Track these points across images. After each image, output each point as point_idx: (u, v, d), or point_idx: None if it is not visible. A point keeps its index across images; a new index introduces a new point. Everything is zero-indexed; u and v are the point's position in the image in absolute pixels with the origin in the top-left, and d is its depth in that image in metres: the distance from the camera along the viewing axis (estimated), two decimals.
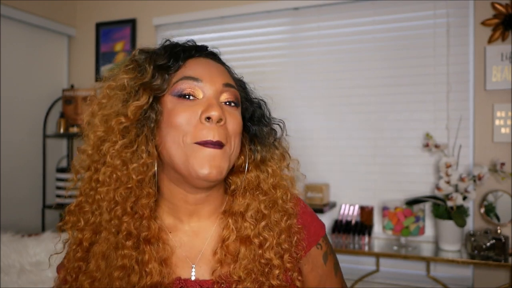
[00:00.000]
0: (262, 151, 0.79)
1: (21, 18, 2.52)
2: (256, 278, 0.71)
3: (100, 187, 0.69)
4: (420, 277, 2.14)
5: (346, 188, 2.34)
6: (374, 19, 2.29)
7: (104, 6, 2.87)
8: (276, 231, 0.74)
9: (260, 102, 0.84)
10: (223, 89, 0.72)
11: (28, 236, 2.13)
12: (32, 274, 1.96)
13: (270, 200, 0.76)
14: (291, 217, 0.77)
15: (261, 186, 0.77)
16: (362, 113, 2.31)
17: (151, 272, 0.68)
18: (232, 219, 0.75)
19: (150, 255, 0.69)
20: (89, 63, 2.88)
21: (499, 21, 1.99)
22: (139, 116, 0.70)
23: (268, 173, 0.78)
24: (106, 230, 0.69)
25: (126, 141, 0.69)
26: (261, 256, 0.72)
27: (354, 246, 2.08)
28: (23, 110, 2.59)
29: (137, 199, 0.69)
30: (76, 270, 0.72)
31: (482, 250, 1.87)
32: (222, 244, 0.74)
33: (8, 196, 2.46)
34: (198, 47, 0.77)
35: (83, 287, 0.69)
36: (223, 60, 0.82)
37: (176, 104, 0.70)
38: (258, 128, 0.80)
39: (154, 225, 0.71)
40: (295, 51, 2.45)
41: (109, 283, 0.67)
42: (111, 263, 0.68)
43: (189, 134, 0.68)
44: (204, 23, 2.62)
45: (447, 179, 1.96)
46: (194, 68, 0.72)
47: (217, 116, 0.68)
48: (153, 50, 0.76)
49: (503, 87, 2.00)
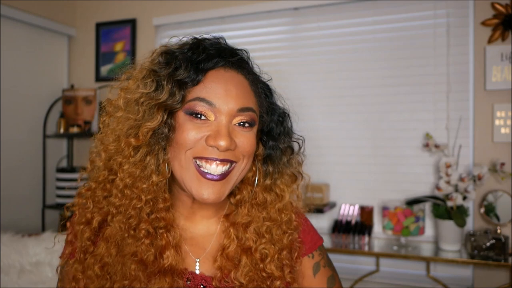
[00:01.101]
0: (273, 173, 0.79)
1: (21, 18, 2.52)
2: (258, 286, 0.72)
3: (113, 198, 0.71)
4: (420, 277, 2.14)
5: (346, 188, 2.34)
6: (374, 19, 2.29)
7: (104, 6, 2.87)
8: (278, 247, 0.75)
9: (282, 115, 0.80)
10: (237, 113, 0.69)
11: (28, 236, 2.13)
12: (32, 274, 1.96)
13: (274, 222, 0.76)
14: (293, 233, 0.78)
15: (267, 208, 0.77)
16: (362, 113, 2.31)
17: (168, 257, 0.70)
18: (234, 229, 0.76)
19: (167, 241, 0.71)
20: (89, 63, 2.88)
21: (499, 21, 1.99)
22: (151, 135, 0.70)
23: (276, 195, 0.78)
24: (121, 215, 0.71)
25: (136, 159, 0.70)
26: (263, 270, 0.73)
27: (354, 246, 2.08)
28: (23, 110, 2.59)
29: (152, 207, 0.71)
30: (84, 250, 0.73)
31: (482, 250, 1.87)
32: (222, 252, 0.74)
33: (8, 196, 2.46)
34: (223, 53, 0.72)
35: (93, 271, 0.70)
36: (251, 66, 0.77)
37: (187, 121, 0.69)
38: (274, 145, 0.79)
39: (169, 214, 0.73)
40: (295, 51, 2.46)
41: (122, 268, 0.69)
42: (125, 249, 0.69)
43: (191, 150, 0.68)
44: (204, 23, 2.61)
45: (447, 179, 1.96)
46: (211, 87, 0.69)
47: (224, 146, 0.66)
48: (176, 53, 0.71)
49: (503, 87, 2.00)
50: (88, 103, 2.70)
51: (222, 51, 0.72)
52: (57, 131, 2.71)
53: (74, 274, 0.73)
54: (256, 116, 0.73)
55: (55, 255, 2.04)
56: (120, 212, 0.70)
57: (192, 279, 0.73)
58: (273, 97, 0.80)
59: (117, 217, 0.71)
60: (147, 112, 0.69)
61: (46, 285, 1.93)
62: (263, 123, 0.77)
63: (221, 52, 0.72)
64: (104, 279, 0.70)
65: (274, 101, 0.80)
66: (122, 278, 0.68)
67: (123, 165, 0.70)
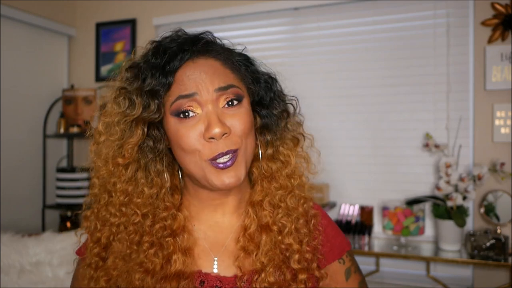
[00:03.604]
0: (273, 141, 0.78)
1: (21, 18, 2.52)
2: (278, 264, 0.72)
3: (112, 218, 0.73)
4: (420, 277, 2.14)
5: (346, 188, 2.34)
6: (374, 19, 2.29)
7: (104, 6, 2.87)
8: (294, 216, 0.75)
9: (268, 81, 0.78)
10: (218, 94, 0.69)
11: (28, 236, 2.13)
12: (32, 274, 1.96)
13: (285, 189, 0.76)
14: (307, 201, 0.78)
15: (276, 177, 0.77)
16: (362, 113, 2.31)
17: (175, 261, 0.70)
18: (252, 208, 0.76)
19: (175, 246, 0.71)
20: (89, 63, 2.88)
21: (499, 21, 1.99)
22: (137, 151, 0.71)
23: (281, 162, 0.77)
24: (122, 232, 0.72)
25: (126, 176, 0.72)
26: (281, 242, 0.73)
27: (354, 246, 2.08)
28: (23, 110, 2.59)
29: (154, 218, 0.72)
30: (94, 266, 0.74)
31: (482, 250, 1.87)
32: (245, 232, 0.75)
33: (8, 196, 2.46)
34: (185, 46, 0.71)
35: (99, 283, 0.71)
36: (220, 43, 0.76)
37: (179, 125, 0.69)
38: (267, 113, 0.77)
39: (180, 216, 0.74)
40: (295, 51, 2.46)
41: (128, 277, 0.70)
42: (130, 262, 0.71)
43: (201, 153, 0.68)
44: (204, 23, 2.61)
45: (447, 179, 1.96)
46: (185, 82, 0.69)
47: (219, 133, 0.66)
48: (140, 64, 0.72)
49: (503, 87, 2.00)
50: (88, 103, 2.71)
51: (183, 44, 0.71)
52: (57, 131, 2.71)
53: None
54: (242, 90, 0.72)
55: (55, 255, 2.04)
56: (120, 230, 0.72)
57: (206, 281, 0.72)
58: (254, 65, 0.77)
59: (119, 235, 0.72)
60: (126, 130, 0.70)
61: (46, 285, 1.93)
62: (253, 94, 0.76)
63: (182, 45, 0.71)
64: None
65: (256, 69, 0.77)
66: (128, 286, 0.69)
67: (116, 184, 0.71)
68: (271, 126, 0.78)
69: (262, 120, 0.77)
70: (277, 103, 0.78)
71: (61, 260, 2.03)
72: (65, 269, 2.01)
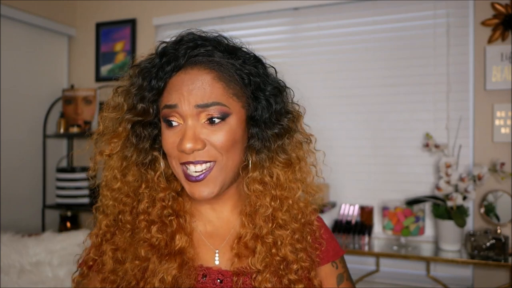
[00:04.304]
0: (261, 161, 0.75)
1: (21, 18, 2.52)
2: (275, 271, 0.73)
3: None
4: (420, 277, 2.14)
5: (346, 188, 2.34)
6: (374, 19, 2.29)
7: (104, 6, 2.87)
8: (289, 230, 0.75)
9: (270, 99, 0.74)
10: (199, 110, 0.68)
11: (28, 236, 2.13)
12: (32, 274, 1.96)
13: (281, 202, 0.76)
14: (305, 215, 0.78)
15: (269, 191, 0.76)
16: (362, 113, 2.31)
17: (179, 240, 0.73)
18: (246, 218, 0.77)
19: (178, 226, 0.74)
20: (89, 63, 2.88)
21: (499, 21, 1.99)
22: (123, 144, 0.76)
23: (272, 182, 0.75)
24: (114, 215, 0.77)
25: (112, 164, 0.76)
26: (276, 254, 0.73)
27: (354, 246, 2.08)
28: (23, 110, 2.59)
29: (149, 198, 0.76)
30: (102, 236, 0.77)
31: (482, 250, 1.87)
32: (239, 241, 0.75)
33: (8, 196, 2.46)
34: (180, 54, 0.70)
35: (106, 253, 0.74)
36: (220, 53, 0.72)
37: (165, 129, 0.72)
38: (258, 132, 0.74)
39: (180, 199, 0.78)
40: (295, 51, 2.46)
41: (134, 251, 0.72)
42: (136, 235, 0.74)
43: (176, 158, 0.72)
44: (204, 23, 2.61)
45: (447, 179, 1.96)
46: (171, 92, 0.69)
47: (189, 149, 0.67)
48: (140, 65, 0.74)
49: (503, 87, 2.00)
50: (88, 103, 2.70)
51: (180, 52, 0.70)
52: (57, 131, 2.70)
53: (90, 258, 0.78)
54: (230, 107, 0.69)
55: (55, 255, 2.04)
56: (113, 213, 0.77)
57: (208, 275, 0.74)
58: (259, 78, 0.73)
59: (118, 217, 0.77)
60: (116, 125, 0.76)
61: (46, 285, 1.93)
62: (250, 109, 0.73)
63: (177, 54, 0.70)
64: (116, 262, 0.73)
65: (260, 85, 0.73)
66: (133, 259, 0.72)
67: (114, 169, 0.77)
68: (257, 146, 0.75)
69: (250, 140, 0.75)
70: (271, 124, 0.74)
71: (61, 260, 2.03)
72: (65, 269, 2.01)
